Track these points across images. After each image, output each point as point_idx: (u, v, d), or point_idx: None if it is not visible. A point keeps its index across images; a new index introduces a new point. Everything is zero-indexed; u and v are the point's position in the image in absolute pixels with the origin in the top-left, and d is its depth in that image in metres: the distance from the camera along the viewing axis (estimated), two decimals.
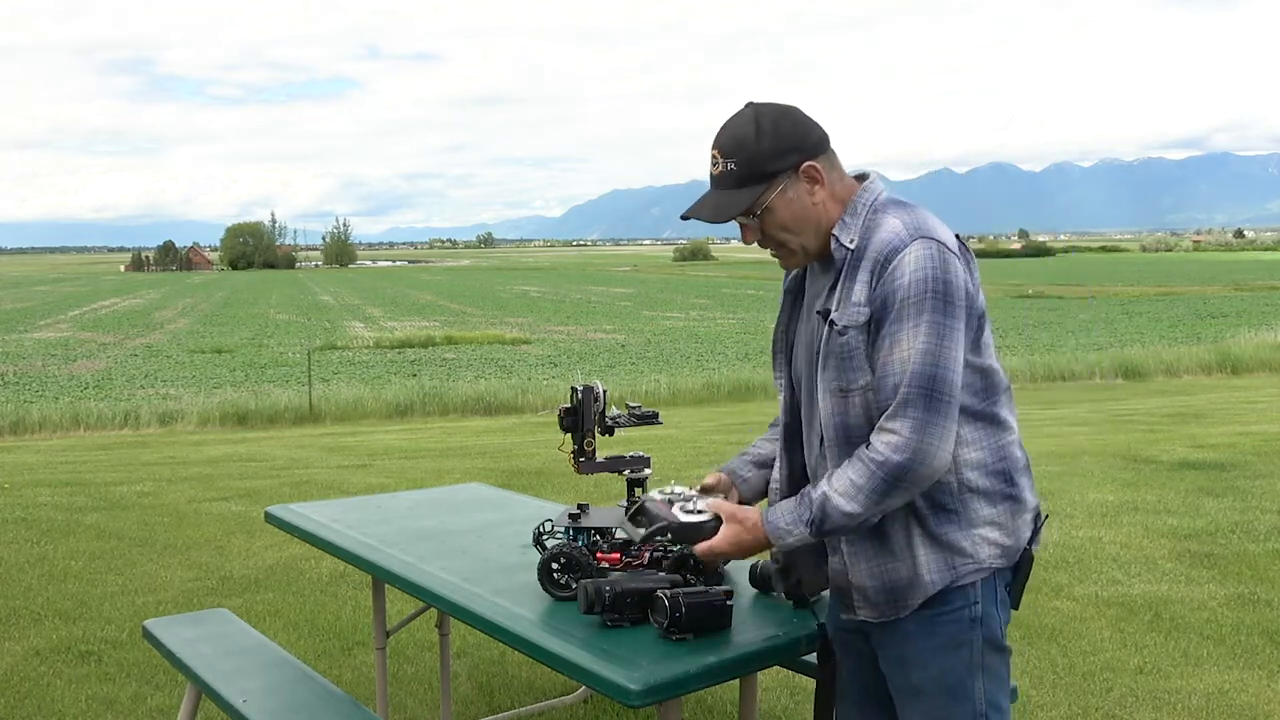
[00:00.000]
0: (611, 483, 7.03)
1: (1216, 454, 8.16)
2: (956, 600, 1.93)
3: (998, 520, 1.95)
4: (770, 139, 1.93)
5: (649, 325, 36.14)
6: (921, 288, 1.83)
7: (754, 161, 1.93)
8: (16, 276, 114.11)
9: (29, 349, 30.53)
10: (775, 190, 1.94)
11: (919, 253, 1.84)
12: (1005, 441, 1.97)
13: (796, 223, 1.96)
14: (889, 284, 1.84)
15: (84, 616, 4.83)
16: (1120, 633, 4.37)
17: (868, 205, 1.96)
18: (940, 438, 1.84)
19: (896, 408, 1.84)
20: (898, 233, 1.87)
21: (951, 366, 1.84)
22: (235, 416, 15.88)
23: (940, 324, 1.83)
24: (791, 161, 1.93)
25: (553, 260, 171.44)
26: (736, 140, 1.94)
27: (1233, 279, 58.15)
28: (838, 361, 1.92)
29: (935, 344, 1.82)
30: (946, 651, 1.95)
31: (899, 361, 1.84)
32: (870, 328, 1.88)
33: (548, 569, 2.34)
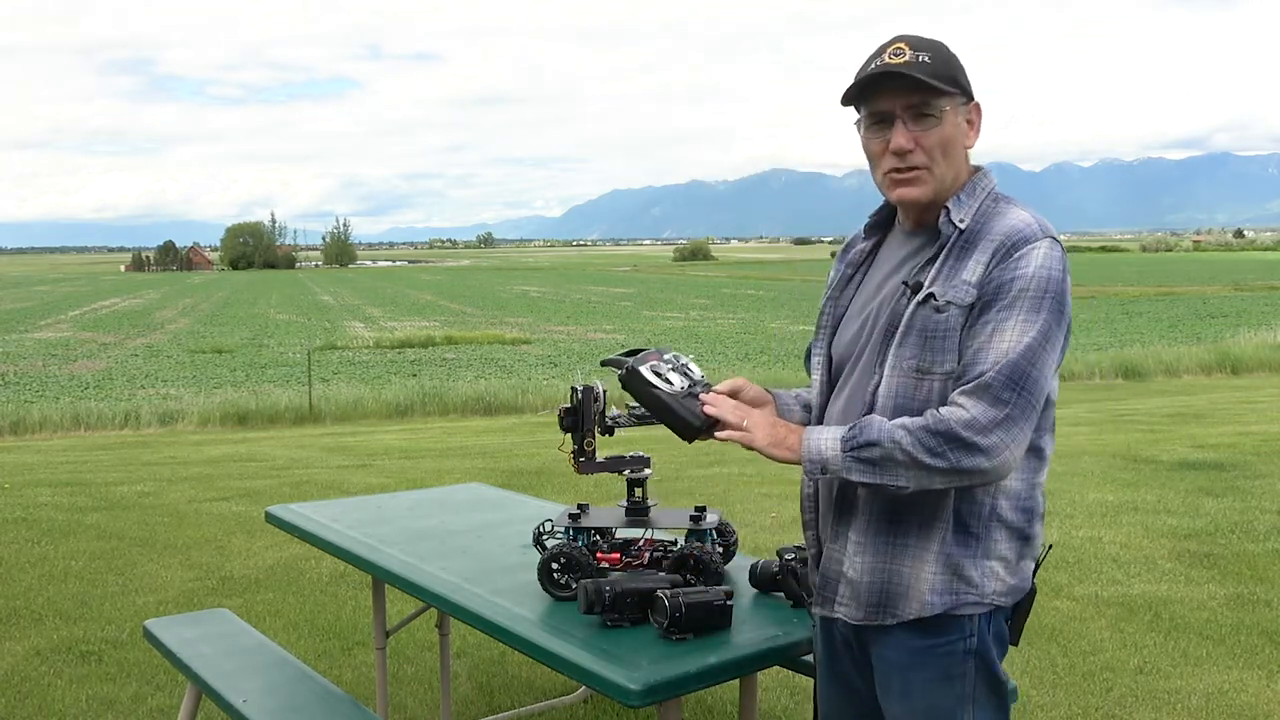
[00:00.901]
0: (611, 483, 7.03)
1: (1216, 454, 8.16)
2: (953, 631, 1.84)
3: (1008, 557, 1.85)
4: (954, 62, 1.83)
5: (649, 325, 36.13)
6: (1044, 285, 1.73)
7: (949, 64, 1.81)
8: (16, 276, 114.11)
9: (29, 349, 30.52)
10: (955, 103, 1.82)
11: (1049, 251, 1.76)
12: (1039, 480, 1.89)
13: (949, 149, 1.83)
14: (1010, 270, 1.74)
15: (84, 616, 4.83)
16: (1120, 633, 4.37)
17: (987, 191, 1.87)
18: (1016, 440, 1.72)
19: (977, 389, 1.71)
20: (1029, 224, 1.78)
21: (1047, 372, 1.74)
22: (235, 416, 15.88)
23: (1050, 328, 1.73)
24: (970, 88, 1.85)
25: (553, 260, 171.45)
26: (929, 43, 1.82)
27: (1233, 279, 58.13)
28: (923, 339, 1.78)
29: (1040, 344, 1.72)
30: (938, 684, 1.86)
31: (997, 349, 1.71)
32: (972, 311, 1.76)
33: (548, 569, 2.34)
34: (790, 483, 7.35)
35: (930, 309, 1.79)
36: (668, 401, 1.93)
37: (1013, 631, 1.90)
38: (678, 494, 7.06)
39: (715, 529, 2.44)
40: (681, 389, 1.95)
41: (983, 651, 1.85)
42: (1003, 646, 1.89)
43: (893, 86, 1.80)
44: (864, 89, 1.83)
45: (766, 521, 6.27)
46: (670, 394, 1.94)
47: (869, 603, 1.88)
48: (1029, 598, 1.90)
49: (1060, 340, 1.76)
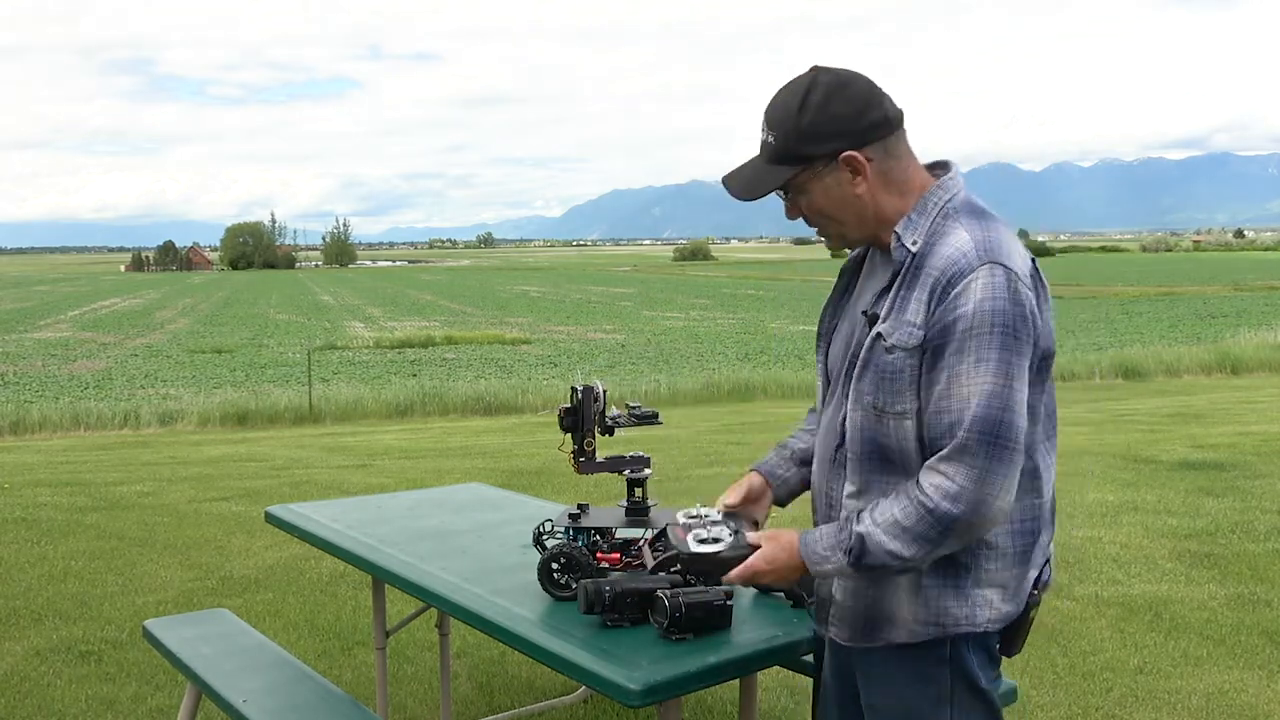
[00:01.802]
0: (611, 483, 7.02)
1: (1216, 454, 8.16)
2: (935, 648, 1.81)
3: (1005, 584, 1.80)
4: (813, 117, 1.74)
5: (649, 325, 36.14)
6: (987, 320, 1.64)
7: (791, 139, 1.76)
8: (16, 276, 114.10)
9: (29, 349, 30.52)
10: (811, 175, 1.77)
11: (986, 279, 1.65)
12: (1039, 500, 1.81)
13: (835, 210, 1.80)
14: (951, 311, 1.66)
15: (84, 616, 4.83)
16: (1120, 633, 4.37)
17: (939, 206, 1.77)
18: (1001, 489, 1.67)
19: (954, 452, 1.66)
20: (965, 253, 1.68)
21: (1018, 410, 1.66)
22: (235, 416, 15.88)
23: (1008, 363, 1.65)
24: (831, 148, 1.75)
25: (553, 260, 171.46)
26: (781, 112, 1.76)
27: (1233, 279, 58.13)
28: (877, 378, 1.75)
29: (1001, 385, 1.65)
30: (914, 684, 1.83)
31: (958, 400, 1.66)
32: (923, 354, 1.70)
33: (548, 569, 2.34)
34: None
35: (881, 348, 1.75)
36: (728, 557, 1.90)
37: (1005, 645, 1.85)
38: (678, 494, 7.05)
39: None
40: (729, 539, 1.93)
41: (958, 661, 1.81)
42: (987, 657, 1.84)
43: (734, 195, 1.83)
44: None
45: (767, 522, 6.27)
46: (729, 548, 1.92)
47: (855, 626, 1.88)
48: (1029, 609, 1.84)
49: (1023, 365, 1.68)
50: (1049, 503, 1.85)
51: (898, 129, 1.79)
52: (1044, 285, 1.77)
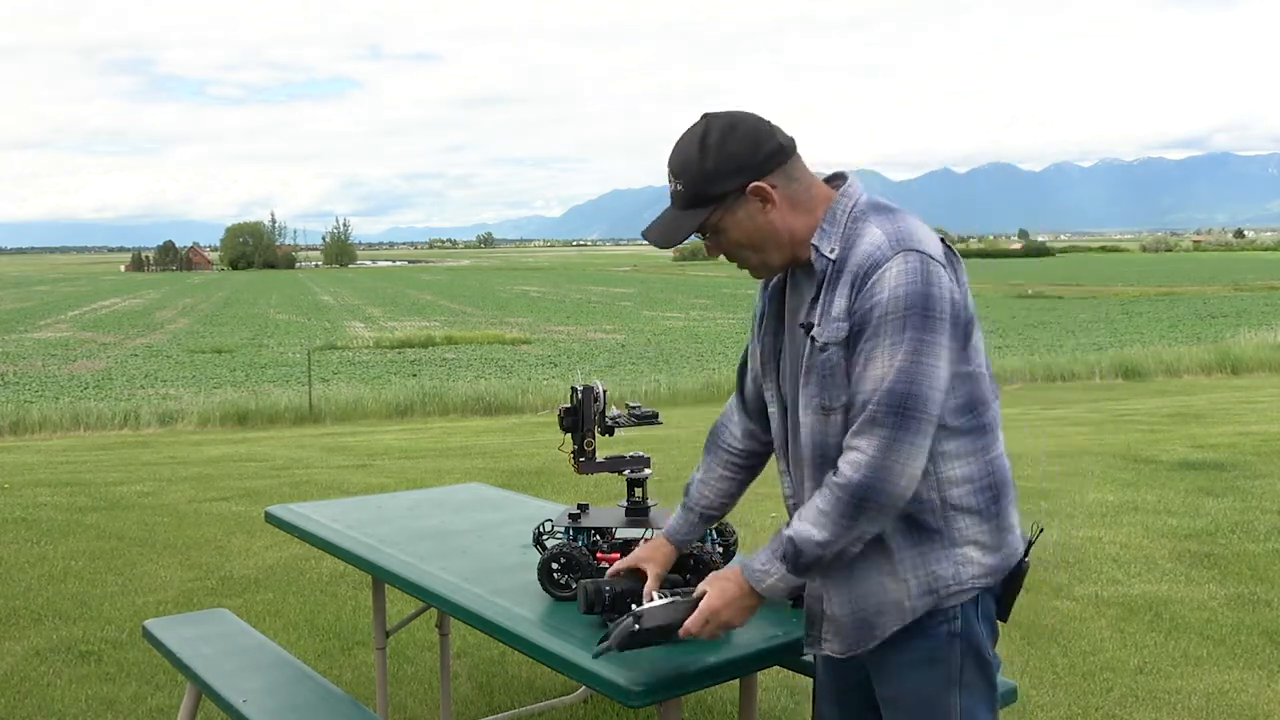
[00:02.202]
0: (611, 483, 7.03)
1: (1216, 454, 8.16)
2: (935, 618, 1.86)
3: (982, 540, 1.86)
4: (715, 158, 1.84)
5: (649, 325, 36.15)
6: (900, 304, 1.74)
7: (698, 183, 1.86)
8: (16, 276, 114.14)
9: (29, 349, 30.54)
10: (723, 212, 1.87)
11: (900, 266, 1.75)
12: (995, 455, 1.89)
13: (753, 240, 1.90)
14: (868, 299, 1.76)
15: (84, 616, 4.83)
16: (1120, 633, 4.37)
17: (847, 212, 1.87)
18: (909, 456, 1.75)
19: (863, 425, 1.76)
20: (879, 244, 1.78)
21: (932, 384, 1.75)
22: (235, 416, 15.89)
23: (921, 340, 1.74)
24: (736, 183, 1.85)
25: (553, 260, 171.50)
26: (683, 159, 1.87)
27: (1233, 279, 58.16)
28: (820, 378, 1.84)
29: (914, 361, 1.74)
30: (923, 667, 1.88)
31: (872, 379, 1.76)
32: (849, 344, 1.80)
33: (548, 569, 2.34)
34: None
35: (817, 349, 1.84)
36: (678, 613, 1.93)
37: (1001, 608, 1.92)
38: (678, 494, 7.04)
39: (715, 529, 2.44)
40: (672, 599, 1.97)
41: (968, 634, 1.87)
42: (991, 626, 1.91)
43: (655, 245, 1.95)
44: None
45: (766, 522, 6.27)
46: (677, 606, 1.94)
47: (852, 634, 1.92)
48: (1018, 573, 1.90)
49: (940, 342, 1.76)
50: (1002, 464, 1.91)
51: (793, 154, 1.90)
52: (958, 261, 1.86)
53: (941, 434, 1.81)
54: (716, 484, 2.23)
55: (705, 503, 2.23)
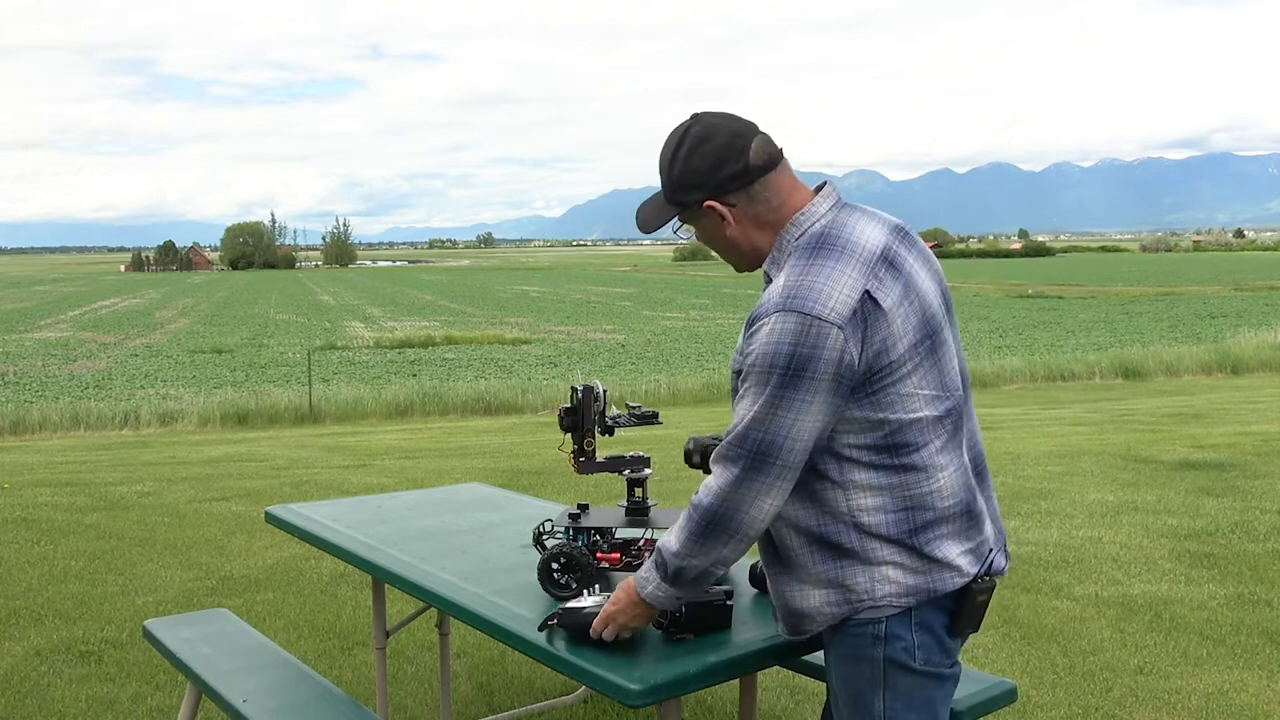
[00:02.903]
0: (611, 483, 7.03)
1: (1216, 454, 8.16)
2: (859, 622, 1.92)
3: (902, 562, 1.89)
4: (679, 169, 1.94)
5: (649, 325, 36.15)
6: (766, 360, 1.81)
7: (667, 187, 1.98)
8: (16, 276, 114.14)
9: (29, 349, 30.54)
10: (688, 215, 1.99)
11: (776, 325, 1.80)
12: (921, 491, 1.89)
13: (714, 247, 2.03)
14: (746, 347, 1.87)
15: (84, 616, 4.83)
16: (1120, 633, 4.37)
17: (791, 243, 1.93)
18: (756, 494, 1.85)
19: (718, 457, 1.88)
20: (770, 298, 1.85)
21: (782, 433, 1.82)
22: (235, 416, 15.89)
23: (779, 397, 1.80)
24: (695, 198, 1.95)
25: (553, 260, 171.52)
26: (662, 159, 1.98)
27: (1233, 279, 58.15)
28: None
29: (768, 413, 1.82)
30: (848, 663, 1.95)
31: (734, 419, 1.88)
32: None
33: (548, 569, 2.34)
34: None
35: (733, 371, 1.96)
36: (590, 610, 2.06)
37: (957, 622, 1.93)
38: (678, 494, 7.06)
39: None
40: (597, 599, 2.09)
41: (891, 641, 1.90)
42: (932, 637, 1.92)
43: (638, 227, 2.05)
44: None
45: None
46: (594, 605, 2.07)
47: (785, 622, 2.03)
48: (969, 590, 1.91)
49: (803, 399, 1.80)
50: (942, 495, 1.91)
51: (761, 176, 1.93)
52: (878, 317, 1.82)
53: (850, 466, 1.88)
54: None
55: None
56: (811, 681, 3.67)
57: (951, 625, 1.94)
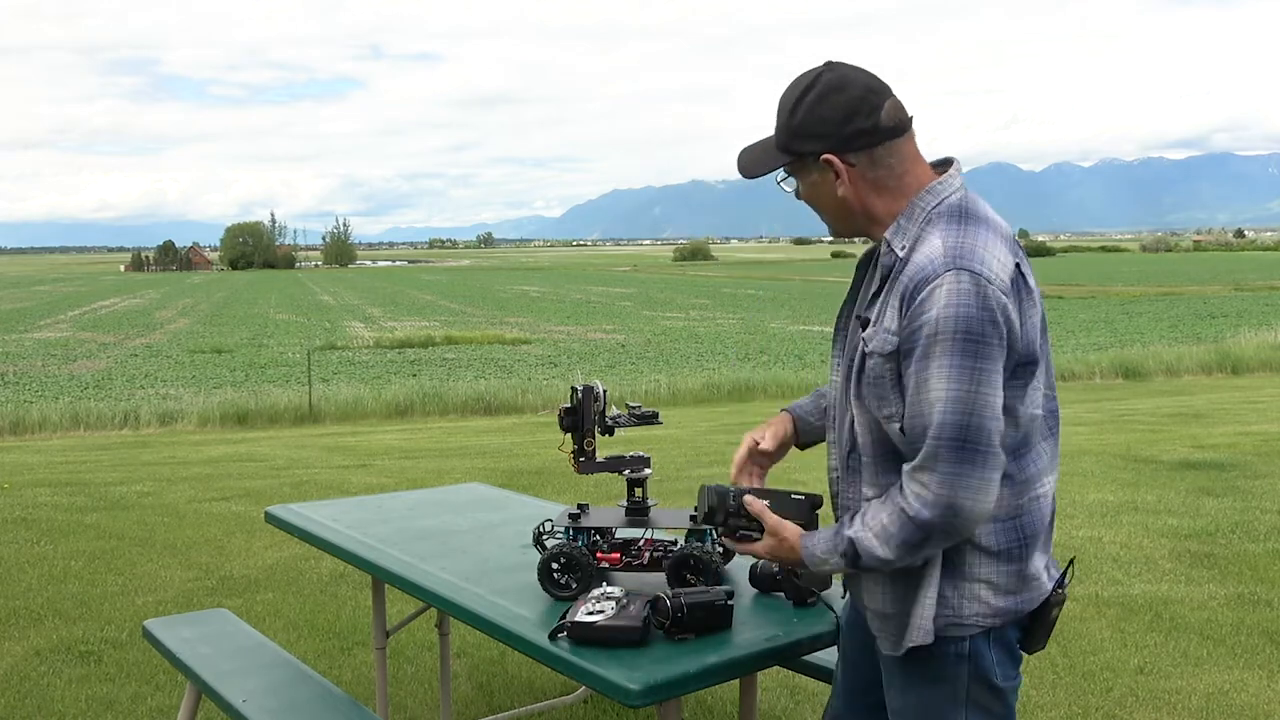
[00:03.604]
0: (611, 483, 7.03)
1: (1216, 454, 8.16)
2: (945, 645, 1.82)
3: (995, 581, 1.80)
4: (803, 116, 1.79)
5: (649, 325, 36.14)
6: (952, 326, 1.65)
7: (783, 133, 1.83)
8: (16, 276, 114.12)
9: (29, 349, 30.53)
10: (798, 167, 1.85)
11: (953, 285, 1.66)
12: (1031, 498, 1.81)
13: (816, 204, 1.87)
14: (918, 317, 1.68)
15: (84, 616, 4.83)
16: (1120, 633, 4.37)
17: (925, 211, 1.78)
18: (976, 490, 1.68)
19: (925, 459, 1.69)
20: (933, 259, 1.69)
21: (987, 414, 1.66)
22: (235, 416, 15.88)
23: (971, 368, 1.65)
24: (812, 148, 1.80)
25: (553, 260, 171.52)
26: (783, 103, 1.83)
27: (1233, 279, 58.14)
28: (868, 383, 1.78)
29: (967, 390, 1.65)
30: (928, 684, 1.85)
31: (925, 405, 1.68)
32: (898, 359, 1.73)
33: (548, 569, 2.34)
34: (790, 483, 7.33)
35: (865, 353, 1.79)
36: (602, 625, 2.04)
37: (1029, 639, 1.87)
38: (678, 494, 7.05)
39: None
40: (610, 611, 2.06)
41: (975, 659, 1.82)
42: (1008, 654, 1.85)
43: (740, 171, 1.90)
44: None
45: None
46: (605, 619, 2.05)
47: (894, 634, 1.87)
48: (1045, 606, 1.85)
49: (992, 369, 1.67)
50: (1038, 511, 1.84)
51: (891, 139, 1.80)
52: (1030, 290, 1.76)
53: None
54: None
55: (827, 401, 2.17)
56: (811, 681, 3.67)
57: (1025, 640, 1.87)
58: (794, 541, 1.87)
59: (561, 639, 2.06)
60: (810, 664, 2.77)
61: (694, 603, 2.06)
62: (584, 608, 2.07)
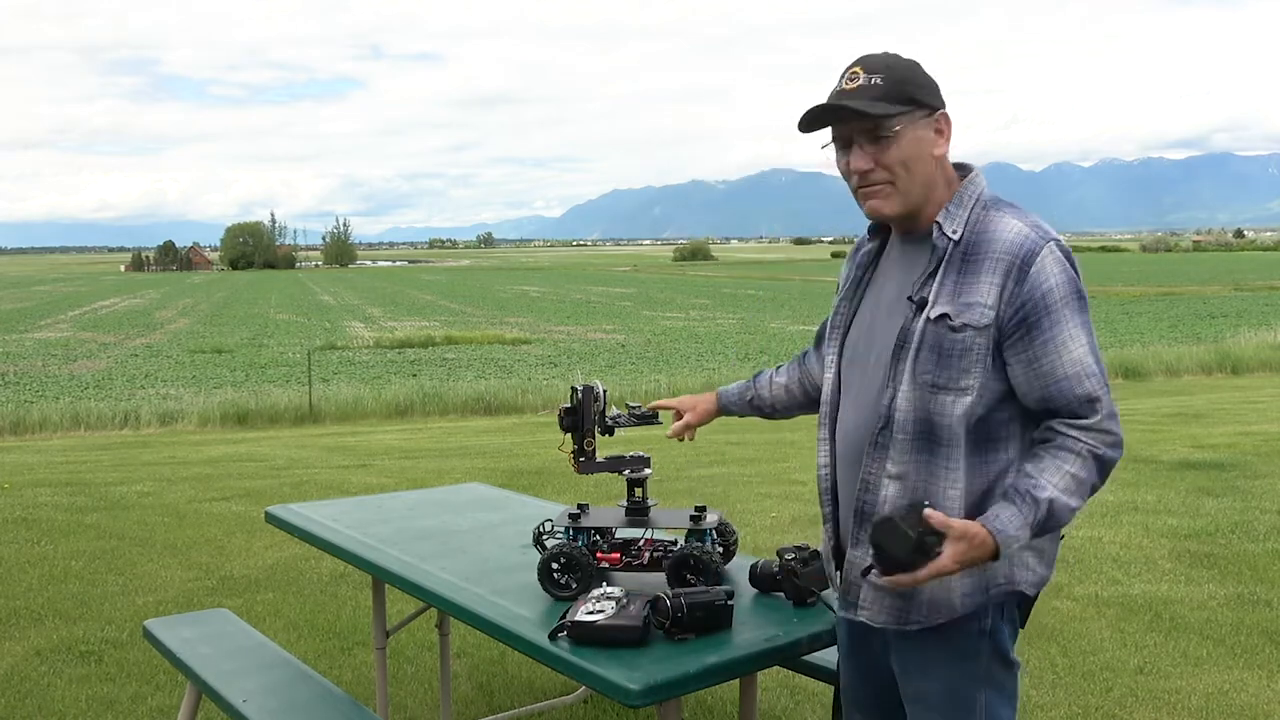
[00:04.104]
0: (611, 483, 7.03)
1: (1216, 454, 8.16)
2: (970, 618, 1.88)
3: (1042, 548, 1.91)
4: (918, 72, 1.88)
5: (649, 325, 36.13)
6: (1069, 288, 1.80)
7: (903, 83, 1.85)
8: (16, 276, 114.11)
9: (29, 349, 30.52)
10: (911, 120, 1.85)
11: (1058, 255, 1.81)
12: None
13: (910, 164, 1.86)
14: (1036, 288, 1.78)
15: (84, 616, 4.83)
16: (1120, 633, 4.37)
17: (974, 198, 1.89)
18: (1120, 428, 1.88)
19: (1102, 407, 1.83)
20: (1027, 235, 1.81)
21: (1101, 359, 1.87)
22: (235, 416, 15.87)
23: (1087, 323, 1.83)
24: (931, 101, 1.87)
25: (553, 260, 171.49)
26: (884, 62, 1.86)
27: (1233, 279, 58.13)
28: (938, 356, 1.82)
29: (1092, 341, 1.83)
30: (954, 662, 1.90)
31: (1073, 363, 1.80)
32: (994, 332, 1.80)
33: (548, 569, 2.34)
34: (790, 483, 7.35)
35: (945, 328, 1.82)
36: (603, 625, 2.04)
37: (1022, 616, 1.95)
38: (678, 494, 7.06)
39: (715, 529, 2.44)
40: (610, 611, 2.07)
41: (995, 634, 1.90)
42: (1013, 629, 1.94)
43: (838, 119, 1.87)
44: (817, 120, 1.88)
45: (766, 521, 6.27)
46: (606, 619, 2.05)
47: (894, 608, 1.91)
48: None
49: (1091, 325, 1.87)
50: None
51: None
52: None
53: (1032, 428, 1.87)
54: (780, 388, 2.40)
55: (763, 394, 2.42)
56: (811, 681, 3.67)
57: (1022, 618, 1.96)
58: (983, 534, 1.78)
59: (561, 639, 2.06)
60: (810, 664, 2.77)
61: (694, 603, 2.07)
62: (584, 608, 2.07)
